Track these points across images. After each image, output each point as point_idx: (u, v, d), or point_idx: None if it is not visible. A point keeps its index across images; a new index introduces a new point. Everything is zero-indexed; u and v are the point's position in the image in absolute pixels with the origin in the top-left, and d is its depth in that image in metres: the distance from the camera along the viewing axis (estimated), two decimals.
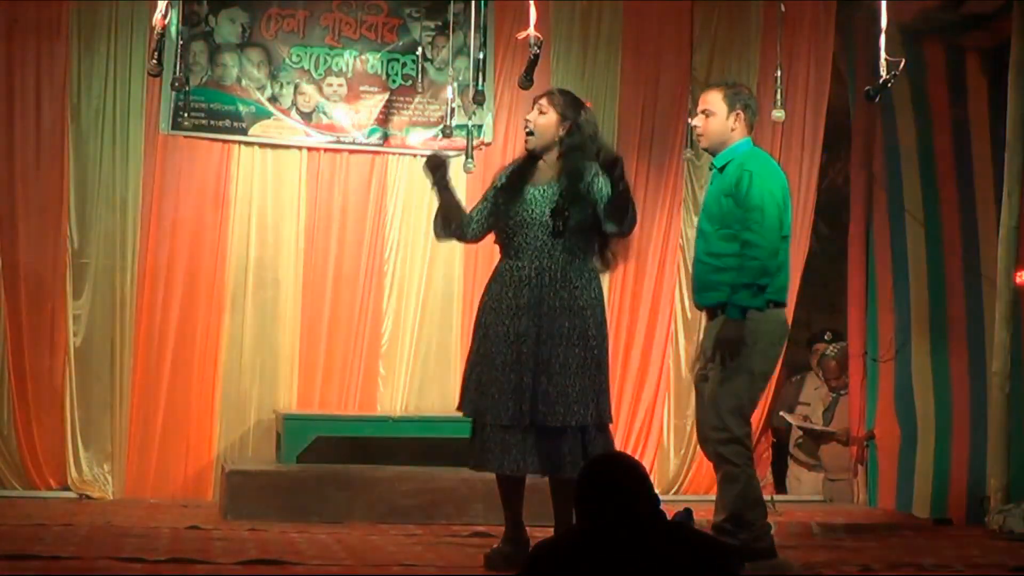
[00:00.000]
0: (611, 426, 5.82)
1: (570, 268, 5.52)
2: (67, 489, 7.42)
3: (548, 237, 5.49)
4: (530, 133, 5.62)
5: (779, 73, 7.03)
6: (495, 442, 5.51)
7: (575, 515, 3.43)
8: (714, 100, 5.68)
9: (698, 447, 7.99)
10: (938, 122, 7.84)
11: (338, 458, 7.18)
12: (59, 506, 7.07)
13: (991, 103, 7.47)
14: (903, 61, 5.78)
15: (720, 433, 5.53)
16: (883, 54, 5.77)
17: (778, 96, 7.01)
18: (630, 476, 3.40)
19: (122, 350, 7.53)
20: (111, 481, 7.49)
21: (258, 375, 7.74)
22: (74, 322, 7.47)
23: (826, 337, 8.66)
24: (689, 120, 5.74)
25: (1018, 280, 7.11)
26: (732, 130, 5.64)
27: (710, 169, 5.83)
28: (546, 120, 5.60)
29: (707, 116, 5.68)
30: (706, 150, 5.81)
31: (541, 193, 5.52)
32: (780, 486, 8.53)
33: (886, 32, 5.84)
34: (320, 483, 6.91)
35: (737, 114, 5.65)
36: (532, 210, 5.52)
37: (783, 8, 7.57)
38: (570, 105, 5.62)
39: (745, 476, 5.52)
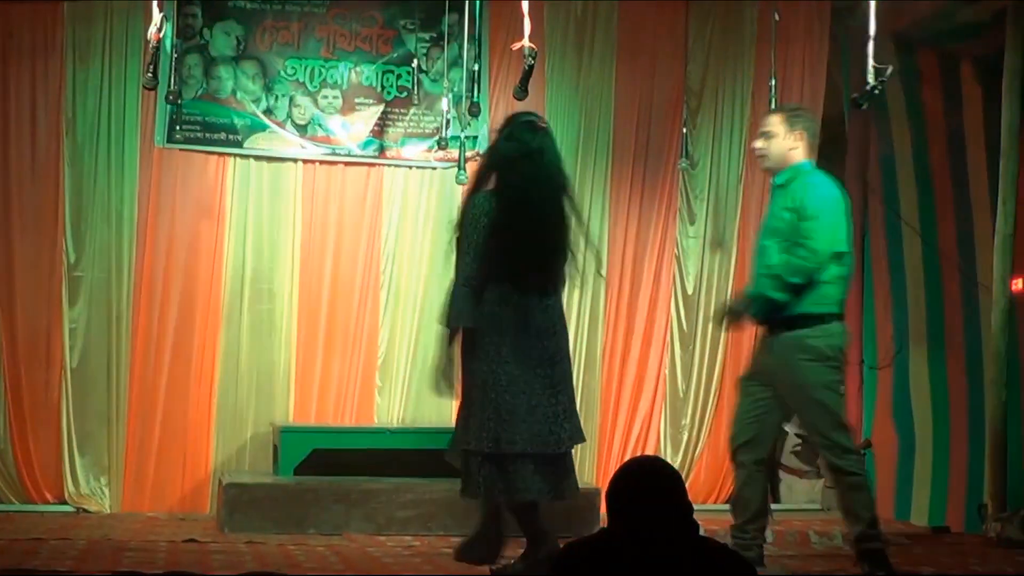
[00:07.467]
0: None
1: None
2: (64, 503, 7.41)
3: None
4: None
5: (773, 82, 7.07)
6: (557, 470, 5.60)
7: (608, 517, 3.39)
8: (774, 122, 5.86)
9: (695, 457, 8.08)
10: (932, 130, 7.85)
11: (335, 470, 7.17)
12: (56, 520, 7.06)
13: (986, 111, 7.48)
14: (890, 68, 5.85)
15: (832, 449, 5.68)
16: (871, 61, 5.83)
17: (772, 105, 7.04)
18: (667, 481, 3.37)
19: (118, 363, 7.52)
20: (108, 495, 7.48)
21: (255, 387, 7.73)
22: (70, 336, 7.46)
23: None
24: (752, 145, 5.91)
25: (1014, 287, 7.13)
26: (792, 149, 5.79)
27: (772, 189, 5.97)
28: None
29: (768, 138, 5.84)
30: (769, 169, 5.94)
31: None
32: (775, 494, 8.52)
33: (875, 39, 5.89)
34: (317, 495, 6.90)
35: (798, 134, 5.80)
36: None
37: (777, 17, 7.60)
38: None
39: (867, 482, 5.76)
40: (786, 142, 5.78)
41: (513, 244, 5.50)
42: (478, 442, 5.50)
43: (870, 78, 5.82)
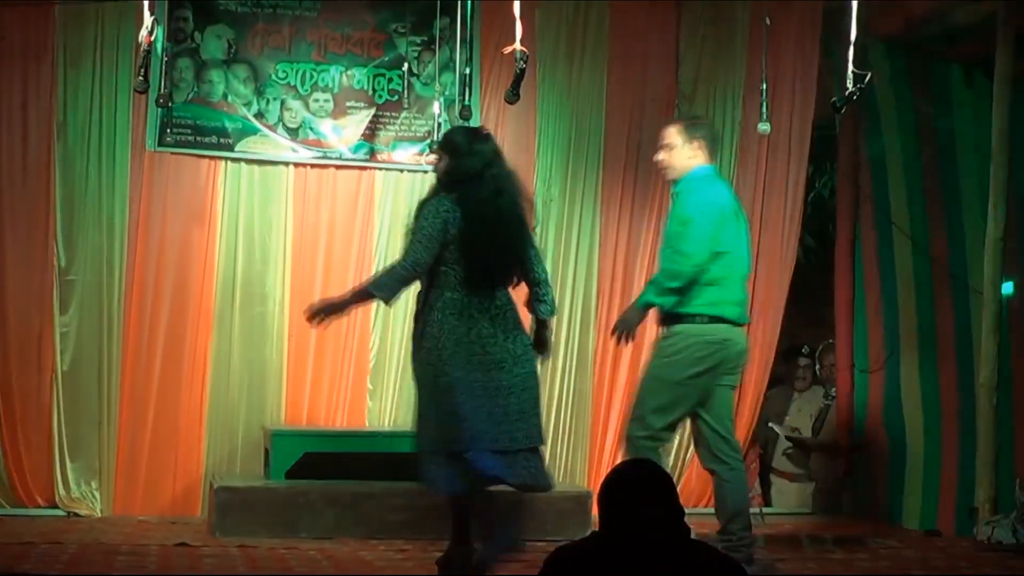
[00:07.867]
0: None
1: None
2: (55, 507, 7.39)
3: None
4: None
5: (765, 86, 7.07)
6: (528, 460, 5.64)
7: (599, 520, 3.38)
8: (672, 134, 6.01)
9: (687, 460, 8.08)
10: (923, 134, 7.86)
11: (327, 474, 7.16)
12: (47, 524, 7.05)
13: (976, 115, 7.50)
14: (869, 74, 5.98)
15: (641, 430, 5.89)
16: (850, 66, 5.91)
17: (764, 109, 7.05)
18: (658, 484, 3.37)
19: (109, 367, 7.51)
20: (99, 498, 7.47)
21: (246, 391, 7.72)
22: (61, 340, 7.45)
23: (804, 351, 8.81)
24: (653, 158, 6.06)
25: None
26: (692, 158, 5.95)
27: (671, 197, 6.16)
28: None
29: (669, 150, 5.99)
30: (672, 180, 6.09)
31: None
32: (766, 498, 8.53)
33: (855, 44, 5.99)
34: (309, 499, 6.90)
35: (697, 144, 5.95)
36: None
37: (768, 21, 7.60)
38: None
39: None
40: (685, 152, 5.94)
41: (484, 255, 5.58)
42: (430, 443, 5.57)
43: (849, 83, 5.91)
